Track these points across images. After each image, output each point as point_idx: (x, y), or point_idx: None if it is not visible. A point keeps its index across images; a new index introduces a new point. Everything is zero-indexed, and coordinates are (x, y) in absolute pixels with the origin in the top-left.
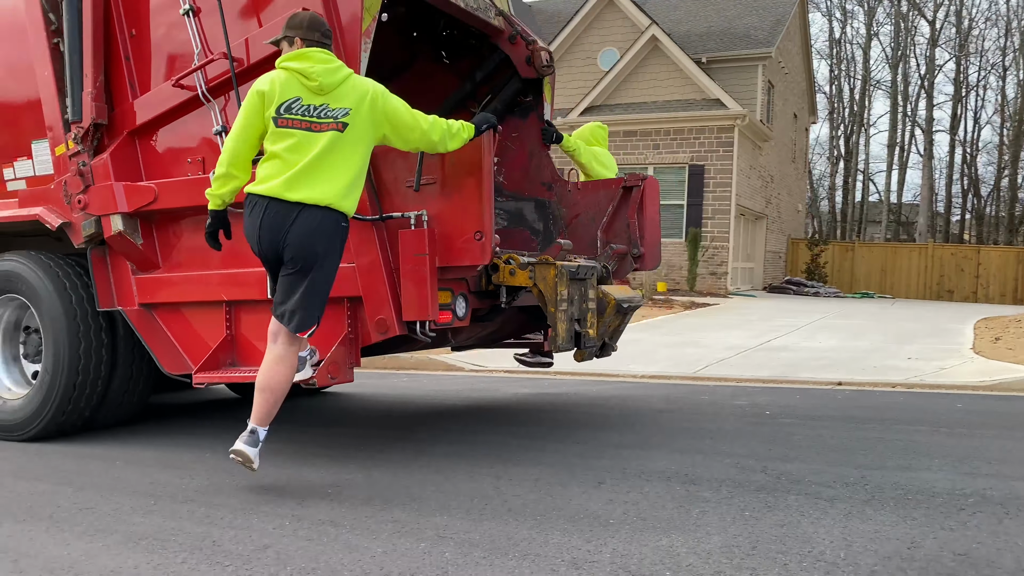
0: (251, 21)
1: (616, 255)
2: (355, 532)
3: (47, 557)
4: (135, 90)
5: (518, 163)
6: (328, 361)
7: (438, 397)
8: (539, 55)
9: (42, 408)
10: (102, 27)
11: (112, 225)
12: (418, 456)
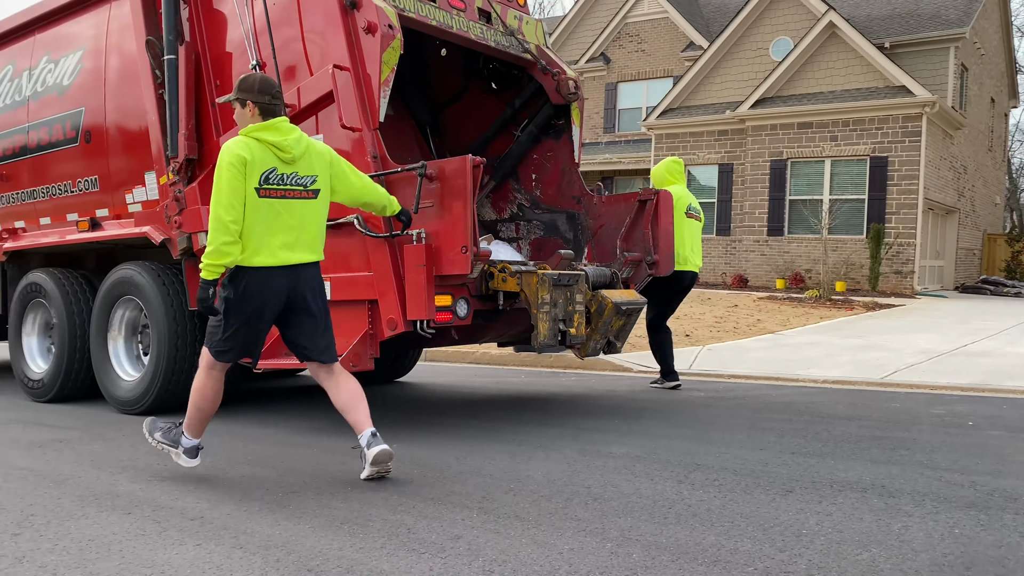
0: (303, 72)
1: (629, 262)
2: (540, 528)
3: (262, 536)
4: (219, 130)
5: (552, 179)
6: (351, 353)
7: (611, 396)
8: (565, 84)
9: (150, 385)
10: (193, 80)
11: (199, 241)
12: (595, 456)
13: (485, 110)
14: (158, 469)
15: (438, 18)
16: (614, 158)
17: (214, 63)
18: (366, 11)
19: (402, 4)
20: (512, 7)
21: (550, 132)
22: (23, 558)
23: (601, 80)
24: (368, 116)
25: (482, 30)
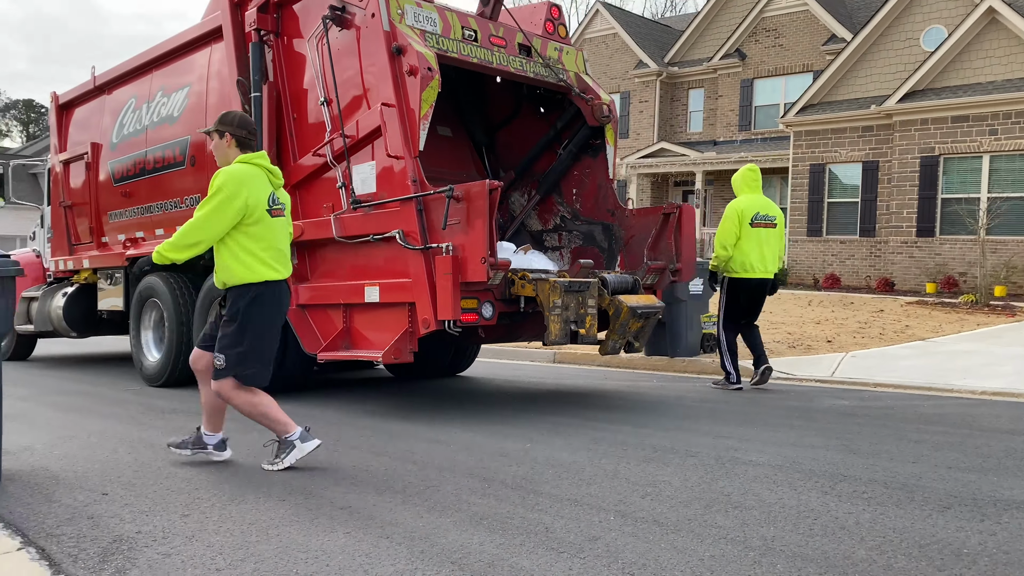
0: (361, 107)
1: (653, 270)
2: (679, 533)
3: (406, 527)
4: (295, 156)
5: (590, 193)
6: (393, 347)
7: (749, 403)
8: (599, 108)
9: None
10: (275, 113)
11: None
12: (734, 464)
13: (533, 131)
14: (307, 460)
15: (479, 55)
16: (749, 156)
17: (292, 98)
18: (409, 56)
19: (445, 46)
20: (553, 39)
21: (588, 151)
22: (192, 537)
23: (736, 77)
24: (410, 146)
25: (521, 63)
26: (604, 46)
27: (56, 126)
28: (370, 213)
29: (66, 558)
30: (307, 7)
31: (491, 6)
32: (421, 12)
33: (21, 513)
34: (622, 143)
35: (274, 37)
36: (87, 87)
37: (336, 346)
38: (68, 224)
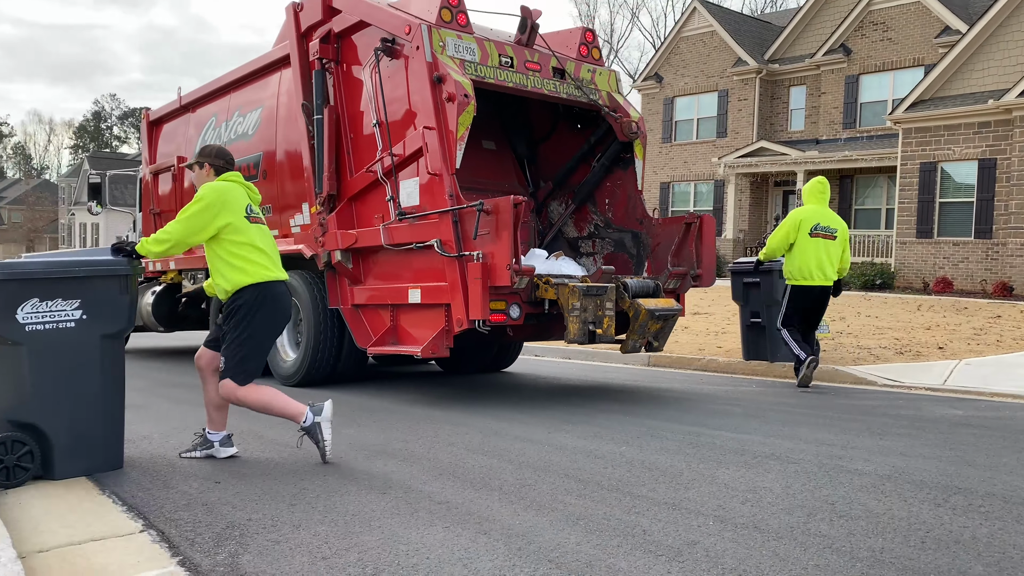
0: (408, 128)
1: (675, 276)
2: (780, 540)
3: (503, 524)
4: (351, 172)
5: (621, 203)
6: (431, 343)
7: (854, 410)
8: (628, 125)
9: (302, 364)
10: (334, 134)
11: (336, 256)
12: (839, 472)
13: (569, 145)
14: (406, 455)
15: (514, 80)
16: (854, 155)
17: (349, 120)
18: (448, 85)
19: (483, 73)
20: (587, 62)
21: (619, 164)
22: (299, 526)
23: (840, 73)
24: (447, 164)
25: (555, 85)
26: (701, 44)
27: (147, 140)
28: (413, 224)
29: (184, 541)
30: (363, 38)
31: (527, 34)
32: (461, 43)
33: (142, 498)
34: (720, 142)
35: (334, 65)
36: (174, 106)
37: (384, 341)
38: (156, 229)
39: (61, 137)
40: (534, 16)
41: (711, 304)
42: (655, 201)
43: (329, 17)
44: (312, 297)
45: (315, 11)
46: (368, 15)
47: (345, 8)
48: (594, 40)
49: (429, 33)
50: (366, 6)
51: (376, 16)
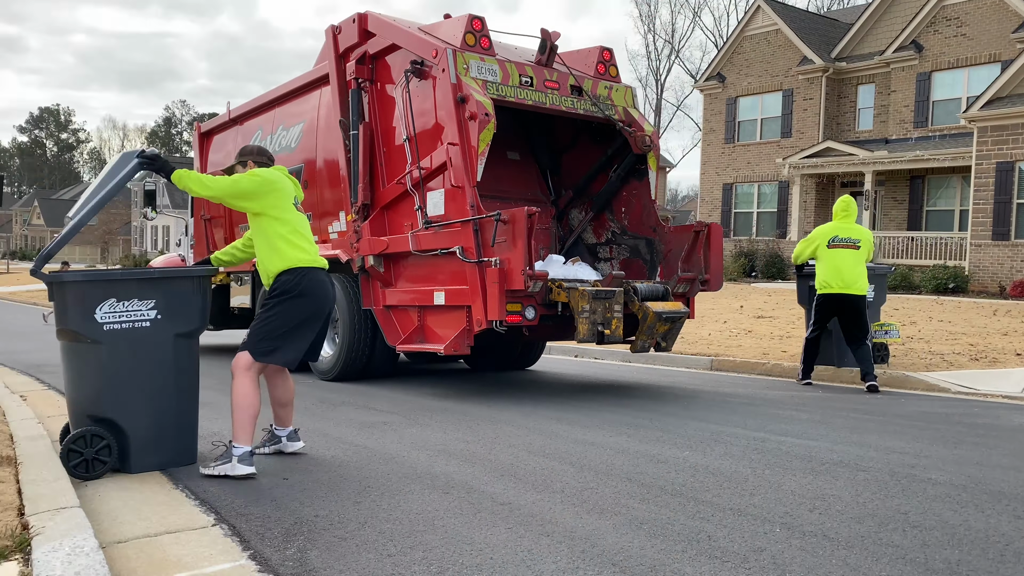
0: (435, 144)
1: (684, 280)
2: (851, 549)
3: (565, 526)
4: (384, 183)
5: (636, 212)
6: (453, 341)
7: (924, 418)
8: (641, 139)
9: (338, 361)
10: (368, 148)
11: (369, 261)
12: (911, 480)
13: (589, 157)
14: (467, 455)
15: (534, 98)
16: (925, 155)
17: (383, 135)
18: (470, 104)
19: (504, 92)
20: (604, 79)
21: (634, 175)
22: (365, 523)
23: (911, 70)
24: (469, 177)
25: (573, 102)
26: (765, 43)
27: (198, 150)
28: (439, 231)
29: (254, 536)
30: (396, 59)
31: (547, 55)
32: (483, 65)
33: (214, 492)
34: (785, 142)
35: (369, 84)
36: (223, 119)
37: (412, 340)
38: (207, 234)
39: (134, 142)
40: (553, 38)
41: (775, 308)
42: (717, 203)
43: (365, 40)
44: (347, 299)
45: (352, 34)
46: (399, 39)
47: (379, 32)
48: (611, 59)
49: (454, 56)
50: (398, 31)
51: (407, 40)
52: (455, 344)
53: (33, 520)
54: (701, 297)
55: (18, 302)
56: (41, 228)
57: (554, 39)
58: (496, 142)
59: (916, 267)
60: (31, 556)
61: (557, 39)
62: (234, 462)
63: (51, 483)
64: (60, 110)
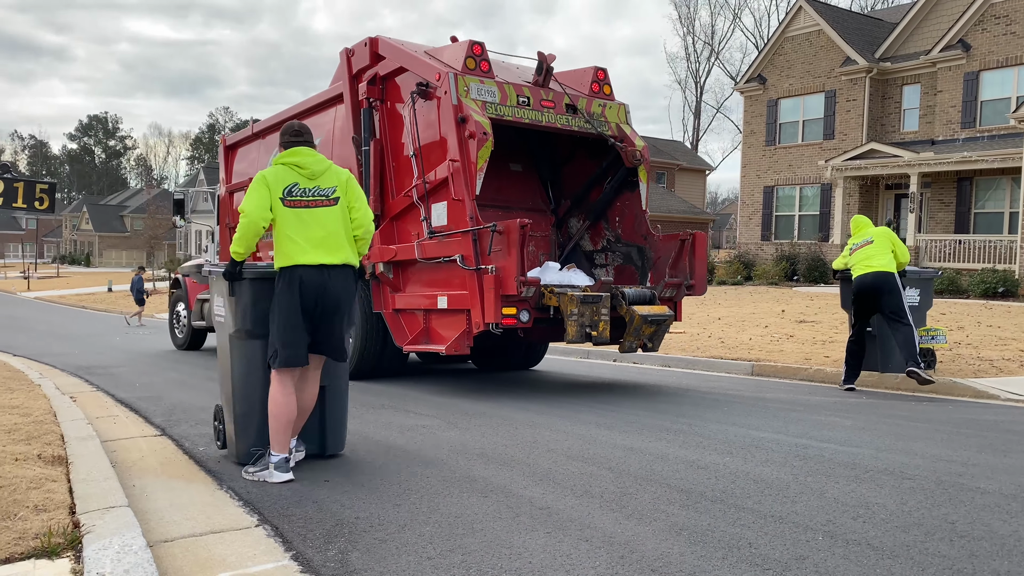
0: (438, 159)
1: (670, 285)
2: (895, 559)
3: (604, 532)
4: (393, 195)
5: (629, 221)
6: (454, 342)
7: (973, 425)
8: (632, 153)
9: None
10: (379, 162)
11: (379, 268)
12: (958, 489)
13: (586, 169)
14: (506, 459)
15: (530, 116)
16: (973, 156)
17: (392, 150)
18: (470, 124)
19: (501, 112)
20: (598, 98)
21: (627, 186)
22: (405, 526)
23: (958, 70)
24: (468, 191)
25: (567, 119)
26: (807, 44)
27: (224, 163)
28: (441, 241)
29: (296, 537)
30: (404, 80)
31: (543, 76)
32: (483, 87)
33: (256, 493)
34: (827, 144)
35: (380, 103)
36: (246, 133)
37: (418, 340)
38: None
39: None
40: (549, 60)
41: (818, 312)
42: (758, 206)
43: (375, 62)
44: (359, 302)
45: (364, 57)
46: (407, 62)
47: (388, 55)
48: (605, 78)
49: (455, 80)
50: (405, 55)
51: (413, 64)
52: (456, 345)
53: (84, 519)
54: (741, 301)
55: (67, 305)
56: (89, 233)
57: (550, 61)
58: (500, 155)
59: (964, 271)
60: (82, 554)
61: (553, 61)
62: (271, 469)
63: (100, 482)
64: (108, 118)
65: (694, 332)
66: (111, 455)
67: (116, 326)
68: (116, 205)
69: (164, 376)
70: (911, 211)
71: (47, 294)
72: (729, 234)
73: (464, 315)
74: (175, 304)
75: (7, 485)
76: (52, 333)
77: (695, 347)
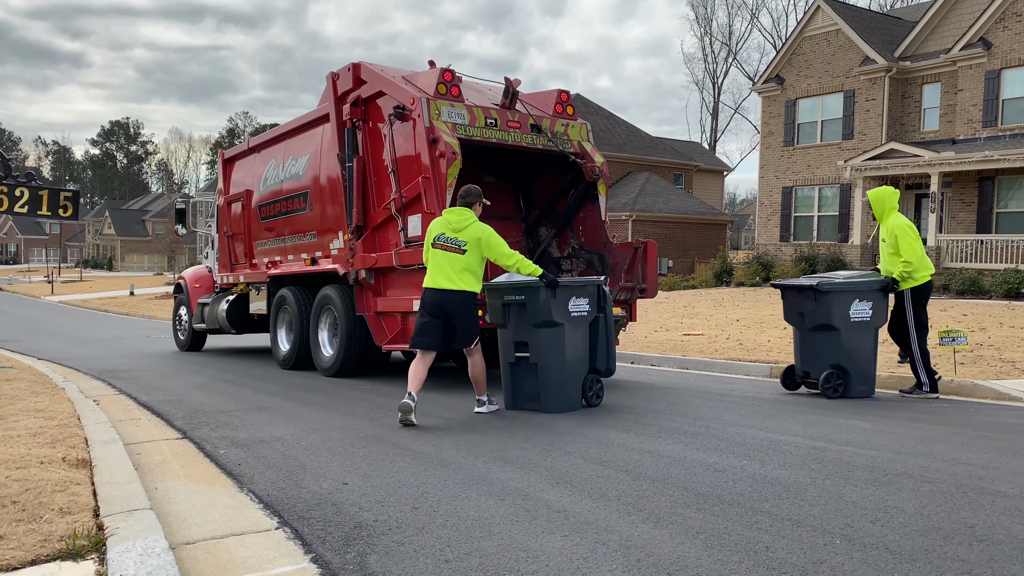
0: (413, 176)
1: (624, 289)
2: (914, 563)
3: (621, 535)
4: (375, 208)
5: (591, 230)
6: None
7: (995, 428)
8: (591, 169)
9: (337, 359)
10: (361, 178)
11: (362, 274)
12: (979, 493)
13: (553, 182)
14: (523, 462)
15: (497, 136)
16: (995, 155)
17: (374, 167)
18: (440, 145)
19: (471, 133)
20: (561, 118)
21: (588, 198)
22: (422, 528)
23: (979, 68)
24: (439, 204)
25: (532, 138)
26: (826, 43)
27: (222, 174)
28: (416, 249)
29: (315, 539)
30: (384, 103)
31: (509, 99)
32: (453, 110)
33: (276, 496)
34: (846, 144)
35: (362, 123)
36: (243, 148)
37: (396, 340)
38: (230, 248)
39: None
40: (514, 84)
41: None
42: (776, 207)
43: (358, 86)
44: (345, 306)
45: (348, 80)
46: (385, 87)
47: (369, 80)
48: (568, 99)
49: (427, 104)
50: (384, 80)
51: (391, 88)
52: None
53: (107, 521)
54: (760, 303)
55: (90, 309)
56: (112, 237)
57: (515, 85)
58: (475, 168)
59: (986, 271)
60: (106, 556)
61: (518, 85)
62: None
63: (124, 485)
64: (129, 123)
65: (712, 334)
66: (134, 458)
67: (139, 330)
68: (138, 210)
69: (185, 379)
70: (932, 211)
71: (70, 298)
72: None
73: None
74: (178, 308)
75: (33, 488)
76: (75, 337)
77: (713, 349)
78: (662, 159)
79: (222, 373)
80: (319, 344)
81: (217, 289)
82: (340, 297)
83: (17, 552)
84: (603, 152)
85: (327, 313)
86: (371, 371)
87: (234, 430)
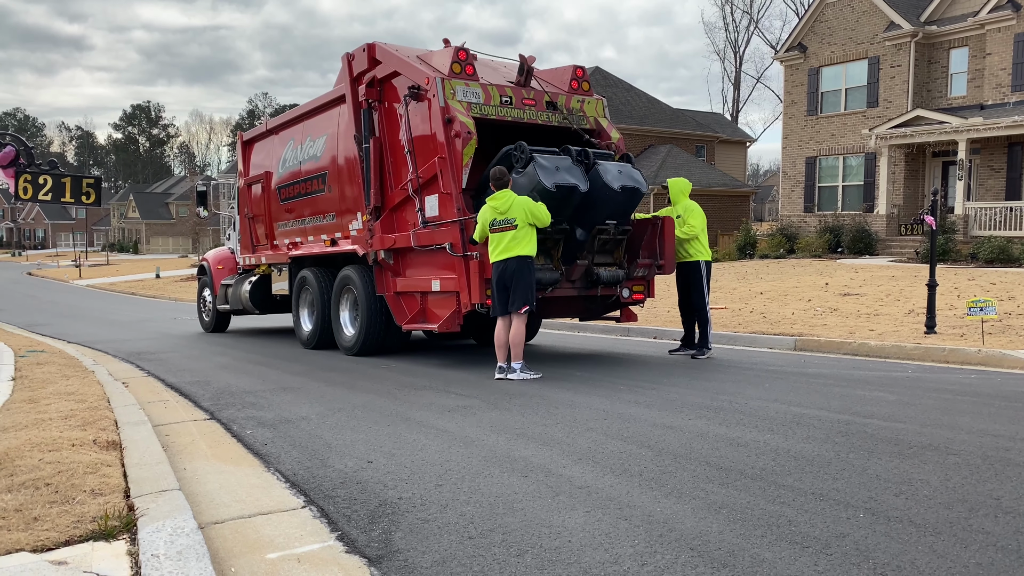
0: (429, 156)
1: (642, 266)
2: (938, 536)
3: (644, 510)
4: (392, 189)
5: None
6: (446, 321)
7: (1021, 398)
8: (606, 145)
9: (359, 339)
10: (378, 158)
11: (380, 255)
12: (1005, 464)
13: None
14: (545, 439)
15: (513, 115)
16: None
17: (390, 147)
18: (456, 124)
19: (486, 112)
20: (577, 94)
21: None
22: (446, 506)
23: (1009, 31)
24: (456, 184)
25: (547, 116)
26: (849, 9)
27: (241, 156)
28: (434, 230)
29: (341, 518)
30: (399, 83)
31: (524, 76)
32: (468, 89)
33: (302, 475)
34: (871, 112)
35: (378, 104)
36: (261, 130)
37: (416, 320)
38: (251, 230)
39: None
40: (529, 62)
41: (862, 284)
42: (800, 177)
43: (373, 66)
44: (365, 286)
45: (363, 61)
46: (400, 67)
47: (384, 60)
48: (584, 75)
49: (442, 84)
50: (399, 60)
51: (406, 68)
52: (448, 323)
53: (138, 502)
54: (784, 275)
55: (118, 292)
56: (136, 221)
57: (530, 62)
58: (490, 146)
59: (1015, 239)
60: (137, 536)
61: (533, 62)
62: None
63: (153, 466)
64: (150, 107)
65: (736, 307)
66: (163, 439)
67: (166, 312)
68: (161, 193)
69: (212, 361)
70: (959, 179)
71: (98, 281)
72: (771, 206)
73: (455, 296)
74: (202, 290)
75: (65, 471)
76: (103, 320)
77: (736, 323)
78: (683, 131)
79: (247, 354)
80: (340, 324)
81: (240, 270)
82: (360, 277)
83: (51, 533)
84: (623, 125)
85: (348, 293)
86: (392, 350)
87: (260, 410)
